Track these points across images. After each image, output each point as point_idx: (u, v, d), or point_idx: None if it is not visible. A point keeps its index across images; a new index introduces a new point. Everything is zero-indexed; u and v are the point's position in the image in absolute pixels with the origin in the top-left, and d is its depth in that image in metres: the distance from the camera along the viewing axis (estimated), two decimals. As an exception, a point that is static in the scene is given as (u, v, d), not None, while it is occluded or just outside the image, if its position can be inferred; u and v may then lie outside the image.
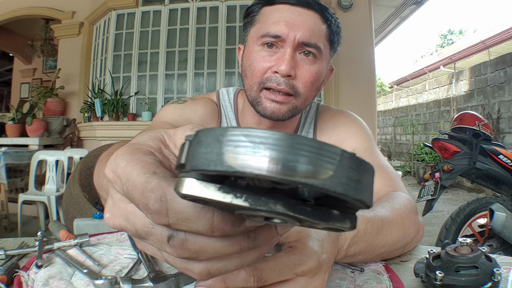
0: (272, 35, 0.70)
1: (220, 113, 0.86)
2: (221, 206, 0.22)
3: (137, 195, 0.23)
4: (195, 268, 0.25)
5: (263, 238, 0.26)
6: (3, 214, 3.57)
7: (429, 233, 3.53)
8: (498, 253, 2.07)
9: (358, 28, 4.14)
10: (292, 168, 0.18)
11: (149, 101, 3.82)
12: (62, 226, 0.69)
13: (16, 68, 6.57)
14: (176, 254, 0.24)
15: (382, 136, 11.57)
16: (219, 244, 0.24)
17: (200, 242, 0.23)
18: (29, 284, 0.46)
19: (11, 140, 4.02)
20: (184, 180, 0.21)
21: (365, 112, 3.96)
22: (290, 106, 0.72)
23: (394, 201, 0.61)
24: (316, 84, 0.75)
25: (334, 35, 0.76)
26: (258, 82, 0.72)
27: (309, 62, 0.72)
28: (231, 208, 0.21)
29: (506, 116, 5.76)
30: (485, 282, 0.43)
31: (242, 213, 0.22)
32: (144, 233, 0.25)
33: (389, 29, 7.02)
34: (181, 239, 0.23)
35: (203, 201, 0.21)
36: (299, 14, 0.71)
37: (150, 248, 0.27)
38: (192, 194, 0.20)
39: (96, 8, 4.19)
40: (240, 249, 0.25)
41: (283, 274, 0.36)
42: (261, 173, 0.18)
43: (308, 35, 0.70)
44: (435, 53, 17.33)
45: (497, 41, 8.05)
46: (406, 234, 0.59)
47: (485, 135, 2.36)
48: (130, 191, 0.24)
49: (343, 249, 0.45)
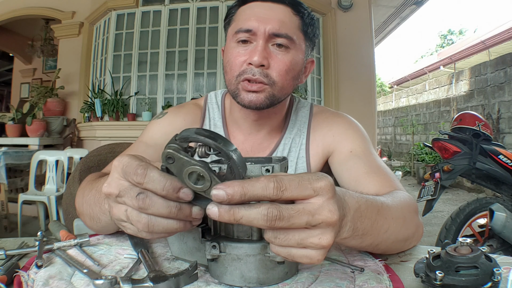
0: (244, 30, 0.75)
1: (204, 116, 0.91)
2: (181, 175, 0.40)
3: (131, 170, 0.39)
4: (141, 218, 0.40)
5: (183, 213, 0.40)
6: (3, 214, 3.57)
7: (429, 233, 3.52)
8: (498, 253, 2.07)
9: (358, 28, 4.14)
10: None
11: (149, 101, 3.82)
12: (62, 226, 0.69)
13: (16, 68, 6.57)
14: (137, 206, 0.39)
15: (382, 136, 11.57)
16: (161, 202, 0.39)
17: (153, 197, 0.39)
18: (29, 284, 0.46)
19: (11, 140, 4.02)
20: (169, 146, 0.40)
21: (365, 112, 3.96)
22: (267, 94, 0.76)
23: (394, 195, 0.62)
24: (292, 74, 0.78)
25: (307, 27, 0.80)
26: (236, 76, 0.76)
27: (282, 52, 0.76)
28: (184, 175, 0.39)
29: (506, 116, 5.76)
30: (485, 282, 0.43)
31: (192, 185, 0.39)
32: (124, 192, 0.40)
33: (389, 29, 7.02)
34: (144, 195, 0.39)
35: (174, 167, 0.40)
36: (270, 9, 0.76)
37: (122, 207, 0.41)
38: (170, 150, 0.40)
39: (96, 8, 4.19)
40: (169, 212, 0.39)
41: (302, 186, 0.37)
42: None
43: (278, 26, 0.74)
44: (435, 53, 17.33)
45: (497, 41, 8.05)
46: (407, 225, 0.59)
47: (485, 135, 2.36)
48: (127, 171, 0.40)
49: (348, 218, 0.43)
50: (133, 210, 0.40)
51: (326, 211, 0.37)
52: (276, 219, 0.36)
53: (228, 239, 0.47)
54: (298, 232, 0.37)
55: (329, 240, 0.38)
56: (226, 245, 0.46)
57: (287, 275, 0.48)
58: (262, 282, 0.46)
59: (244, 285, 0.46)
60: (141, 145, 0.84)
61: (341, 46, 4.12)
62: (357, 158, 0.78)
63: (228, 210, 0.37)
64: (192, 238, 0.53)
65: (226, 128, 0.90)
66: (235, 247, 0.46)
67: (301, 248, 0.38)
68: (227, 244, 0.46)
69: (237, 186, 0.36)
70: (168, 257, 0.57)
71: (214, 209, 0.37)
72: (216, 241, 0.46)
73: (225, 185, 0.37)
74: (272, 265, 0.46)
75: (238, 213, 0.37)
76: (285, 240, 0.38)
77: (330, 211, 0.38)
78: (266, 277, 0.46)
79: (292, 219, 0.36)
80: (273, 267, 0.46)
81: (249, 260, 0.45)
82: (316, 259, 0.38)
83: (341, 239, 0.44)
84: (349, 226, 0.43)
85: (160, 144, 0.83)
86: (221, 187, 0.37)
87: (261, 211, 0.36)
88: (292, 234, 0.37)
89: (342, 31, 4.12)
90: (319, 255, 0.38)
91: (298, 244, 0.38)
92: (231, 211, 0.37)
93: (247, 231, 0.47)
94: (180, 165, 0.39)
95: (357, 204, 0.45)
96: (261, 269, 0.46)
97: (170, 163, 0.40)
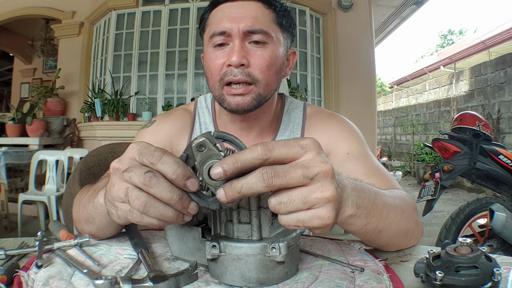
0: (219, 33, 0.75)
1: (194, 121, 0.90)
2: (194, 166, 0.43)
3: (148, 152, 0.42)
4: (141, 196, 0.40)
5: (182, 203, 0.42)
6: (3, 214, 3.57)
7: (429, 233, 3.53)
8: (498, 253, 2.07)
9: (358, 28, 4.14)
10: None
11: (149, 101, 3.82)
12: (62, 226, 0.69)
13: (16, 68, 6.57)
14: (142, 182, 0.40)
15: (382, 136, 11.57)
16: (167, 185, 0.40)
17: (160, 178, 0.40)
18: (29, 284, 0.46)
19: (11, 140, 4.02)
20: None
21: (365, 112, 3.95)
22: (253, 95, 0.75)
23: (391, 190, 0.62)
24: (274, 68, 0.77)
25: (282, 18, 0.79)
26: (218, 80, 0.76)
27: (260, 49, 0.75)
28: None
29: (506, 116, 5.76)
30: (485, 282, 0.43)
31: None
32: (133, 168, 0.41)
33: (389, 29, 7.02)
34: (152, 174, 0.40)
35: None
36: (240, 7, 0.75)
37: (124, 185, 0.42)
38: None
39: (96, 8, 4.19)
40: (170, 198, 0.40)
41: (288, 144, 0.39)
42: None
43: (251, 23, 0.74)
44: (435, 53, 17.32)
45: (497, 41, 8.04)
46: (406, 217, 0.59)
47: (485, 135, 2.36)
48: (144, 151, 0.42)
49: (347, 192, 0.44)
50: (134, 188, 0.41)
51: (318, 162, 0.39)
52: (272, 176, 0.37)
53: (228, 239, 0.47)
54: (299, 190, 0.39)
55: (332, 191, 0.39)
56: (226, 245, 0.46)
57: (287, 275, 0.48)
58: (262, 282, 0.46)
59: (244, 285, 0.46)
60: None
61: (341, 46, 4.12)
62: (354, 160, 0.78)
63: (229, 185, 0.39)
64: (192, 238, 0.53)
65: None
66: (235, 247, 0.46)
67: (308, 209, 0.39)
68: (227, 244, 0.46)
69: (228, 158, 0.39)
70: (168, 257, 0.57)
71: (221, 190, 0.39)
72: (216, 241, 0.46)
73: (219, 162, 0.39)
74: (272, 265, 0.46)
75: (238, 184, 0.38)
76: (289, 202, 0.38)
77: (323, 161, 0.39)
78: (266, 277, 0.46)
79: (288, 174, 0.38)
80: (273, 267, 0.46)
81: (249, 260, 0.45)
82: (327, 217, 0.39)
83: (348, 216, 0.45)
84: (352, 201, 0.44)
85: None
86: (216, 164, 0.39)
87: (256, 174, 0.38)
88: (294, 193, 0.39)
89: (342, 31, 4.12)
90: (328, 211, 0.39)
91: (304, 204, 0.38)
92: (232, 185, 0.39)
93: (247, 231, 0.47)
94: (207, 156, 0.41)
95: (353, 184, 0.47)
96: (261, 269, 0.46)
97: (200, 150, 0.41)
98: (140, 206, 0.41)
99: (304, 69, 4.00)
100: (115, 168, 0.43)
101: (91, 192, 0.59)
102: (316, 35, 4.14)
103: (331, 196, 0.39)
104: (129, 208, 0.42)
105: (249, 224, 0.47)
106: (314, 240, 0.65)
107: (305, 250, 0.58)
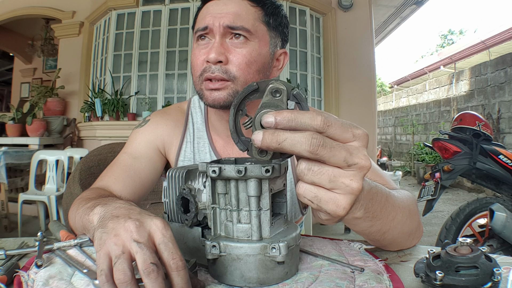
0: (201, 29, 0.76)
1: (187, 121, 0.91)
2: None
3: (168, 249, 0.41)
4: (127, 273, 0.37)
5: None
6: (3, 214, 3.57)
7: (429, 233, 3.52)
8: (498, 253, 2.07)
9: (358, 28, 4.13)
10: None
11: (149, 101, 3.82)
12: (62, 226, 0.69)
13: (16, 68, 6.57)
14: (140, 265, 0.38)
15: (382, 136, 11.56)
16: (159, 285, 0.37)
17: (159, 277, 0.38)
18: (29, 284, 0.46)
19: (11, 140, 4.02)
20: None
21: (365, 112, 3.95)
22: (230, 91, 0.74)
23: (398, 190, 0.63)
24: (255, 66, 0.76)
25: (269, 17, 0.79)
26: (198, 76, 0.76)
27: (240, 45, 0.75)
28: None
29: (506, 116, 5.76)
30: (485, 282, 0.43)
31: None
32: (147, 247, 0.39)
33: (389, 29, 7.01)
34: (156, 268, 0.38)
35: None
36: (224, 4, 0.76)
37: (128, 249, 0.39)
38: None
39: (97, 8, 4.19)
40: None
41: (344, 127, 0.39)
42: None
43: (233, 19, 0.74)
44: (435, 53, 17.30)
45: (497, 41, 8.04)
46: (412, 217, 0.59)
47: (485, 135, 2.36)
48: (167, 244, 0.42)
49: (361, 195, 0.44)
50: (129, 260, 0.38)
51: (361, 154, 0.39)
52: (320, 145, 0.37)
53: (228, 239, 0.47)
54: (332, 168, 0.38)
55: (359, 185, 0.39)
56: (226, 245, 0.46)
57: (287, 275, 0.48)
58: (262, 282, 0.46)
59: (244, 285, 0.46)
60: (127, 157, 0.84)
61: (341, 46, 4.12)
62: None
63: (272, 132, 0.38)
64: (192, 238, 0.53)
65: (208, 132, 0.89)
66: (235, 247, 0.46)
67: (330, 190, 0.39)
68: (227, 244, 0.46)
69: (286, 112, 0.38)
70: (168, 257, 0.57)
71: (259, 133, 0.38)
72: (216, 241, 0.46)
73: (275, 112, 0.38)
74: (272, 265, 0.46)
75: (282, 135, 0.37)
76: (318, 172, 0.38)
77: (365, 156, 0.39)
78: (266, 277, 0.46)
79: (333, 150, 0.37)
80: (273, 267, 0.46)
81: (249, 260, 0.45)
82: (342, 206, 0.39)
83: (353, 217, 0.45)
84: (361, 205, 0.44)
85: (146, 154, 0.84)
86: (272, 113, 0.38)
87: (306, 135, 0.37)
88: (326, 168, 0.38)
89: (342, 31, 4.12)
90: (346, 201, 0.39)
91: (329, 182, 0.38)
92: (276, 133, 0.38)
93: (247, 231, 0.47)
94: (273, 102, 0.41)
95: (369, 186, 0.46)
96: (261, 269, 0.46)
97: (273, 94, 0.41)
98: (119, 280, 0.37)
99: (304, 69, 4.00)
100: (132, 229, 0.40)
101: (90, 205, 0.56)
102: (316, 35, 4.14)
103: (357, 189, 0.39)
104: (107, 267, 0.38)
105: (249, 224, 0.47)
106: (314, 240, 0.65)
107: (305, 250, 0.58)
